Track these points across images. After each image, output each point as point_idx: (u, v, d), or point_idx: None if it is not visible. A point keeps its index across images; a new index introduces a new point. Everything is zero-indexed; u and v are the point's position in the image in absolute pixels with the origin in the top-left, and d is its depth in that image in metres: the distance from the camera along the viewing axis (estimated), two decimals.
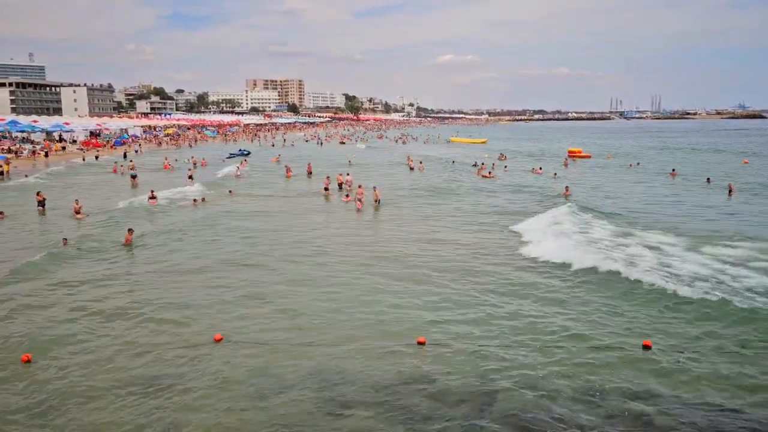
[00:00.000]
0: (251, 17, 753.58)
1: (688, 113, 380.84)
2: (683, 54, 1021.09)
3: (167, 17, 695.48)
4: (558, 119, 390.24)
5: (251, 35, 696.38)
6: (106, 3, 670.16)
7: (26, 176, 41.44)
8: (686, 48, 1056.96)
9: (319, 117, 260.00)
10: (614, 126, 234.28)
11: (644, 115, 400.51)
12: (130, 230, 20.84)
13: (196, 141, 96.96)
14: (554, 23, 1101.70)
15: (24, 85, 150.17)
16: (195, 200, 29.99)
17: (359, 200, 28.34)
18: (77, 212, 26.36)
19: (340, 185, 35.41)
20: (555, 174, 42.11)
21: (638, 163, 51.85)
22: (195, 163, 51.83)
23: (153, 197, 30.18)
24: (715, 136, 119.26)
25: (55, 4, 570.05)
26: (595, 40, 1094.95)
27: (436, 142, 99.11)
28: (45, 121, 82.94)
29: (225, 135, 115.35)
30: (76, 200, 27.48)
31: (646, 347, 11.10)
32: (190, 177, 40.35)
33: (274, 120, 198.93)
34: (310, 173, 43.69)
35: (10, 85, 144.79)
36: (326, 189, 33.35)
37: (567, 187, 32.68)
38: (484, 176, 41.37)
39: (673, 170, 44.43)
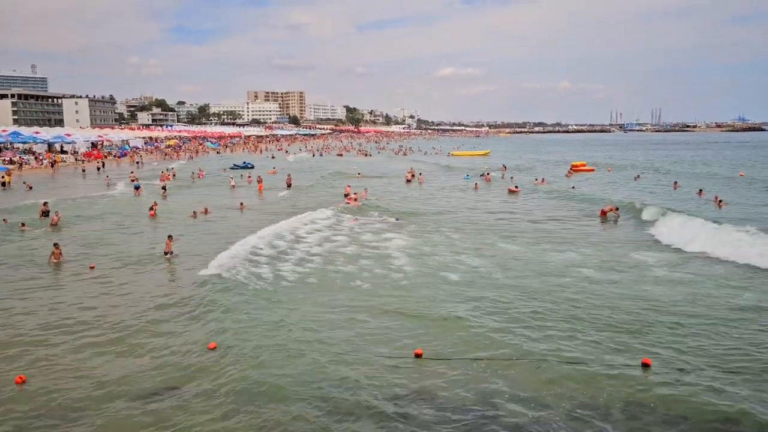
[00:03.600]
0: (255, 31, 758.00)
1: (688, 126, 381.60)
2: (684, 67, 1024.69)
3: (171, 30, 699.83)
4: (558, 131, 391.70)
5: (254, 49, 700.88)
6: (110, 16, 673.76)
7: (30, 188, 41.45)
8: (687, 61, 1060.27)
9: (320, 129, 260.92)
10: (614, 138, 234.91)
11: (644, 128, 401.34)
12: (170, 237, 20.75)
13: (197, 153, 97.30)
14: (556, 38, 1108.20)
15: (26, 97, 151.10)
16: (194, 213, 29.97)
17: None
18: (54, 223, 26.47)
19: (346, 195, 35.90)
20: (573, 187, 42.77)
21: (638, 176, 51.97)
22: (174, 175, 51.61)
23: (152, 209, 30.24)
24: (715, 148, 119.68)
25: (59, 17, 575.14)
26: (596, 54, 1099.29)
27: (434, 155, 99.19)
28: (47, 133, 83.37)
29: (225, 146, 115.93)
30: (57, 212, 27.63)
31: (645, 365, 11.02)
32: (164, 188, 40.13)
33: (275, 132, 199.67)
34: (290, 185, 43.51)
35: (12, 96, 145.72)
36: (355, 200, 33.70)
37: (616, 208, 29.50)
38: (511, 190, 41.11)
39: (675, 182, 44.52)
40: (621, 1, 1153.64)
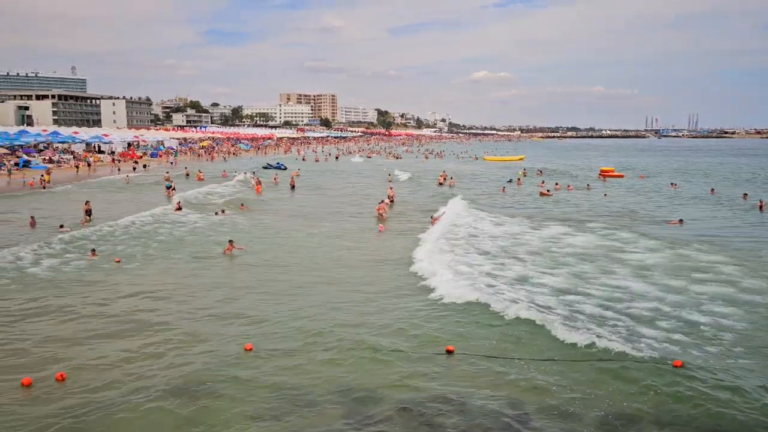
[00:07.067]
0: (288, 34, 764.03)
1: (726, 132, 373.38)
2: (722, 72, 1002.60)
3: (206, 33, 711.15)
4: (592, 137, 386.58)
5: (287, 52, 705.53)
6: (148, 20, 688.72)
7: (42, 187, 42.32)
8: (726, 66, 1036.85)
9: (352, 131, 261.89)
10: (648, 144, 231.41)
11: (680, 134, 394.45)
12: (231, 242, 21.64)
13: (230, 154, 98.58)
14: (591, 42, 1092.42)
15: (65, 98, 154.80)
16: (216, 213, 30.49)
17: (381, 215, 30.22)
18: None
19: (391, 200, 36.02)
20: (605, 194, 42.51)
21: (672, 184, 50.79)
22: (188, 174, 53.87)
23: (179, 208, 30.93)
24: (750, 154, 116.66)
25: (99, 21, 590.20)
26: (632, 59, 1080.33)
27: (465, 159, 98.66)
28: (85, 133, 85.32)
29: (257, 149, 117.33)
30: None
31: (676, 367, 10.80)
32: (173, 188, 40.28)
33: (306, 134, 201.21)
34: (293, 187, 45.02)
35: (53, 97, 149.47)
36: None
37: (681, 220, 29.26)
38: (542, 194, 41.43)
39: (712, 189, 43.87)
40: (659, 4, 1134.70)
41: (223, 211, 30.82)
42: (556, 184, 47.19)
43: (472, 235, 25.26)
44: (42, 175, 46.42)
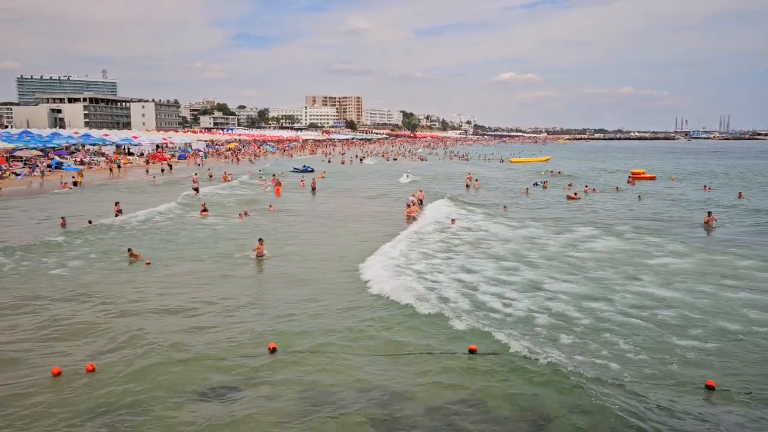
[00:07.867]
0: (314, 37, 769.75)
1: (759, 134, 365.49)
2: (755, 73, 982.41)
3: (234, 37, 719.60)
4: (620, 138, 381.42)
5: (313, 54, 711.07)
6: (177, 23, 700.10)
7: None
8: (759, 67, 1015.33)
9: (377, 134, 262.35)
10: (677, 146, 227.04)
11: (711, 136, 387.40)
12: (261, 240, 21.33)
13: (256, 156, 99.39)
14: (619, 43, 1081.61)
15: (97, 101, 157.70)
16: (240, 214, 30.75)
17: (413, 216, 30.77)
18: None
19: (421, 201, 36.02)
20: (639, 196, 41.54)
21: (705, 187, 49.65)
22: (211, 176, 55.23)
23: (204, 210, 31.29)
24: None
25: (129, 25, 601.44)
26: (661, 60, 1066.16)
27: (492, 162, 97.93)
28: (115, 135, 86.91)
29: (283, 150, 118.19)
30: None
31: (710, 387, 10.50)
32: (198, 190, 41.09)
33: (332, 136, 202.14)
34: (314, 189, 44.76)
35: (84, 100, 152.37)
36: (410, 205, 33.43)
37: (710, 213, 29.23)
38: (569, 197, 40.92)
39: (740, 193, 42.84)
40: (687, 4, 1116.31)
41: (246, 213, 31.03)
42: (585, 186, 46.55)
43: (494, 239, 25.07)
44: (73, 177, 47.45)
